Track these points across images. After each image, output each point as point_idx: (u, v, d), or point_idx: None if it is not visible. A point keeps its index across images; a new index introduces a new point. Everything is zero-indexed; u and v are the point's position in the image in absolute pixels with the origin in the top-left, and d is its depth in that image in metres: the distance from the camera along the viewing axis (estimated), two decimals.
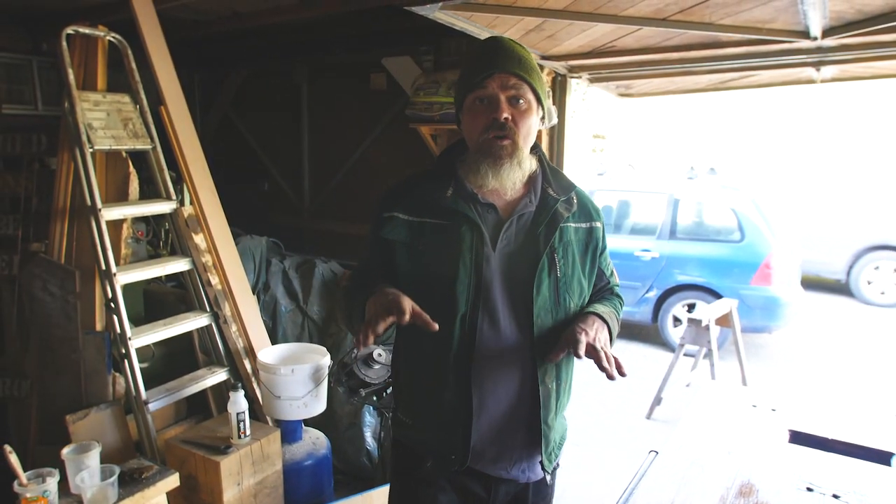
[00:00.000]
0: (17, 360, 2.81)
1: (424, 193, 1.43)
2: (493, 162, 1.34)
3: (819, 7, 1.99)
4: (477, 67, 1.35)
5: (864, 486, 1.52)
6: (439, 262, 1.37)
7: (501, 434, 1.41)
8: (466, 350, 1.36)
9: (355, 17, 3.48)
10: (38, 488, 1.77)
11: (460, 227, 1.37)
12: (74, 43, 2.74)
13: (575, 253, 1.44)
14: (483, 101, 1.35)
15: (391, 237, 1.44)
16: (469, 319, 1.35)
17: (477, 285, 1.35)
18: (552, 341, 1.36)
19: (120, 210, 2.59)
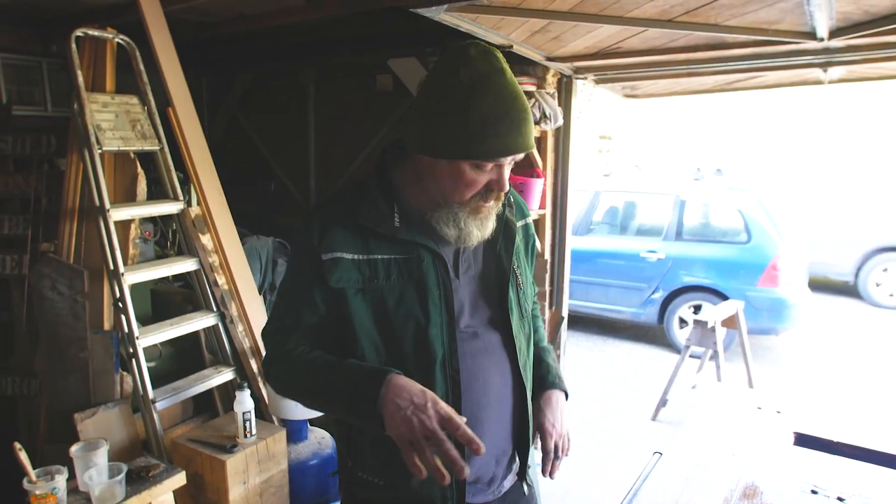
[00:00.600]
0: (26, 360, 2.84)
1: (362, 223, 1.22)
2: (480, 224, 1.22)
3: (825, 8, 1.98)
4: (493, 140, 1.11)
5: (870, 489, 1.52)
6: (406, 306, 1.21)
7: (500, 465, 1.35)
8: (453, 395, 1.22)
9: (361, 19, 3.49)
10: (46, 485, 1.79)
11: (421, 260, 1.22)
12: (84, 45, 2.76)
13: (523, 256, 1.39)
14: (485, 170, 1.16)
15: (341, 285, 1.20)
16: (450, 363, 1.22)
17: (450, 323, 1.22)
18: (526, 354, 1.34)
19: (128, 210, 2.61)
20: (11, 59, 3.82)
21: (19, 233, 2.86)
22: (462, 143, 1.11)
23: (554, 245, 3.55)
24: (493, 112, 1.10)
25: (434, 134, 1.15)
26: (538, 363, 1.48)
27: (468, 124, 1.10)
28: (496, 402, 1.29)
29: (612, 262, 6.28)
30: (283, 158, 4.76)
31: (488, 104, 1.10)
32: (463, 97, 1.10)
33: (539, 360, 1.49)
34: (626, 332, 6.58)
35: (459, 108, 1.11)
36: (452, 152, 1.13)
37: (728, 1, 1.98)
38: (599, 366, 5.57)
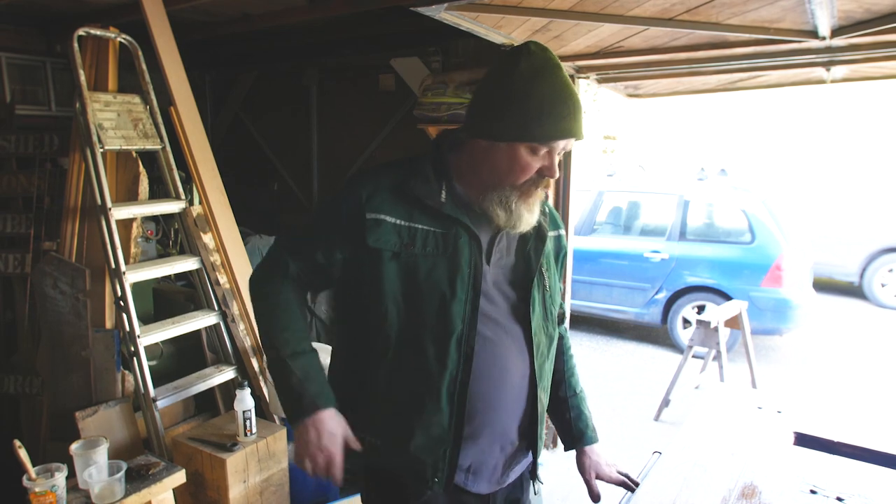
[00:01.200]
0: (29, 358, 2.85)
1: (411, 192, 1.29)
2: (528, 208, 1.28)
3: (827, 6, 1.97)
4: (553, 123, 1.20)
5: (870, 489, 1.51)
6: (436, 277, 1.27)
7: (505, 454, 1.38)
8: (463, 372, 1.28)
9: (364, 19, 3.50)
10: (46, 483, 1.80)
11: (459, 237, 1.28)
12: (86, 44, 2.78)
13: (552, 263, 1.45)
14: (538, 154, 1.24)
15: (379, 246, 1.26)
16: (466, 339, 1.27)
17: (474, 302, 1.28)
18: (546, 356, 1.41)
19: (129, 209, 2.62)
20: (16, 58, 3.84)
21: (22, 231, 2.88)
22: (522, 125, 1.21)
23: None
24: (550, 98, 1.21)
25: (495, 118, 1.24)
26: (577, 415, 1.58)
27: (528, 108, 1.20)
28: (507, 389, 1.34)
29: (615, 262, 6.27)
30: (287, 158, 4.77)
31: (547, 91, 1.21)
32: (524, 84, 1.21)
33: (578, 413, 1.58)
34: (630, 332, 6.56)
35: (521, 94, 1.21)
36: (512, 134, 1.22)
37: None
38: (603, 366, 5.55)
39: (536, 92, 1.21)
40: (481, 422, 1.32)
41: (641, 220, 6.60)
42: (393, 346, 1.30)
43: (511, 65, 1.24)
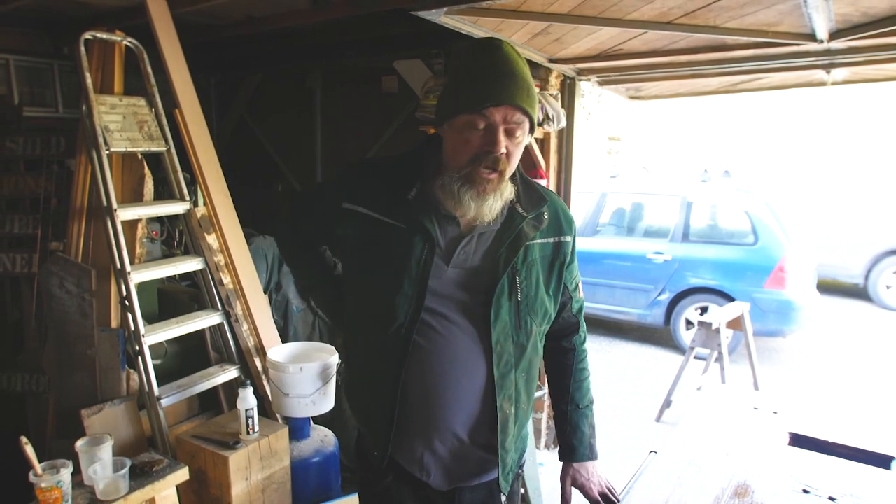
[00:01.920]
0: (36, 357, 2.89)
1: (385, 188, 1.35)
2: (476, 195, 1.25)
3: (823, 10, 1.99)
4: (481, 88, 1.20)
5: (862, 488, 1.53)
6: (385, 269, 1.32)
7: (456, 454, 1.38)
8: (398, 363, 1.32)
9: (366, 21, 3.52)
10: (52, 479, 1.83)
11: (414, 235, 1.31)
12: (92, 47, 2.81)
13: (539, 272, 1.40)
14: (478, 128, 1.22)
15: (347, 233, 1.38)
16: (405, 332, 1.31)
17: (419, 297, 1.30)
18: (513, 365, 1.37)
19: (134, 210, 2.66)
20: (24, 61, 3.89)
21: (29, 232, 2.92)
22: (455, 98, 1.25)
23: None
24: (483, 69, 1.22)
25: (441, 104, 1.30)
26: (573, 430, 1.56)
27: (462, 82, 1.25)
28: (454, 388, 1.34)
29: (618, 263, 6.28)
30: (291, 159, 4.80)
31: (482, 65, 1.23)
32: (462, 64, 1.27)
33: (575, 428, 1.56)
34: (633, 333, 6.57)
35: (457, 73, 1.28)
36: (449, 111, 1.26)
37: (726, 3, 1.99)
38: (605, 367, 5.57)
39: (472, 67, 1.24)
40: (420, 414, 1.35)
41: (644, 222, 6.62)
42: (352, 330, 1.45)
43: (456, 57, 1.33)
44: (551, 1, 2.07)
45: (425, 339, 1.32)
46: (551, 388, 1.62)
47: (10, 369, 2.96)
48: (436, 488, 1.40)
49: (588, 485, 1.56)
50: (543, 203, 1.40)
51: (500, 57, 1.23)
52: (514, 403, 1.39)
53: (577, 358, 1.58)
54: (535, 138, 3.31)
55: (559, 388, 1.58)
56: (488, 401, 1.36)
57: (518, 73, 1.23)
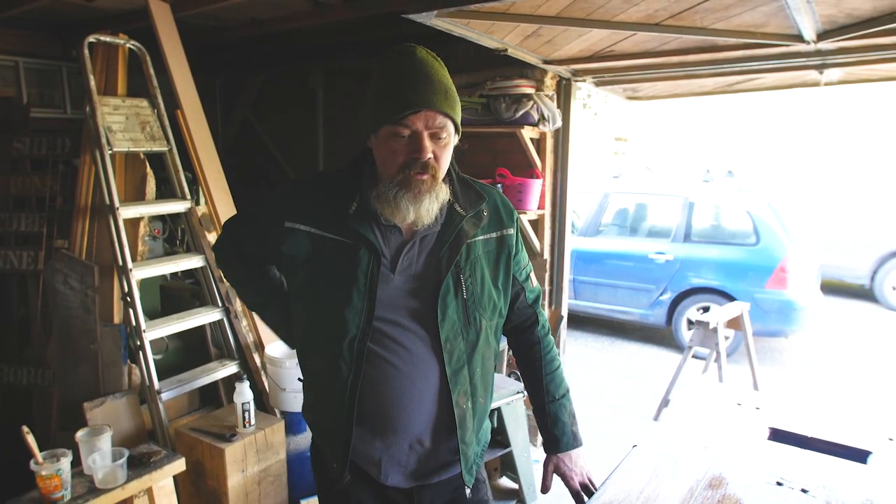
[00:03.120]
0: (41, 351, 2.97)
1: (326, 204, 1.35)
2: (412, 198, 1.25)
3: (807, 11, 2.02)
4: (398, 98, 1.21)
5: (835, 481, 1.55)
6: (333, 285, 1.33)
7: (417, 455, 1.40)
8: (354, 374, 1.33)
9: (367, 23, 3.58)
10: (52, 467, 1.89)
11: (359, 249, 1.31)
12: (97, 50, 2.89)
13: (484, 268, 1.41)
14: (403, 137, 1.23)
15: (292, 252, 1.36)
16: (358, 344, 1.32)
17: (370, 308, 1.31)
18: (465, 361, 1.38)
19: (136, 209, 2.73)
20: (33, 63, 3.98)
21: (35, 230, 3.00)
22: (375, 110, 1.25)
23: (553, 245, 3.60)
24: (398, 76, 1.22)
25: (363, 115, 1.30)
26: (553, 422, 1.58)
27: (379, 91, 1.25)
28: (408, 392, 1.35)
29: (620, 263, 6.30)
30: (294, 159, 4.87)
31: (395, 71, 1.24)
32: (379, 74, 1.26)
33: (555, 419, 1.58)
34: (635, 333, 6.59)
35: (375, 83, 1.27)
36: (371, 123, 1.27)
37: (710, 5, 2.02)
38: (606, 367, 5.59)
39: (388, 77, 1.24)
40: (378, 420, 1.37)
41: (647, 222, 6.63)
42: (303, 345, 1.45)
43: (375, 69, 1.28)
44: (539, 3, 2.11)
45: (378, 348, 1.34)
46: (525, 382, 1.64)
47: (16, 363, 3.04)
48: (395, 486, 1.42)
49: (570, 474, 1.59)
50: (482, 201, 1.41)
51: (415, 63, 1.22)
52: (469, 397, 1.40)
53: (544, 350, 1.60)
54: (531, 138, 3.35)
55: (533, 381, 1.60)
56: (444, 398, 1.37)
57: (434, 77, 1.22)
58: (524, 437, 3.15)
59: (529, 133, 3.28)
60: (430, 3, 2.12)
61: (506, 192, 3.19)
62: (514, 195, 3.25)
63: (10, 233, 3.05)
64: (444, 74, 1.26)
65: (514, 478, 3.19)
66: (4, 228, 3.05)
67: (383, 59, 1.27)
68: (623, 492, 1.52)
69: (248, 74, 4.90)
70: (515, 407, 3.07)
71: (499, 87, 3.20)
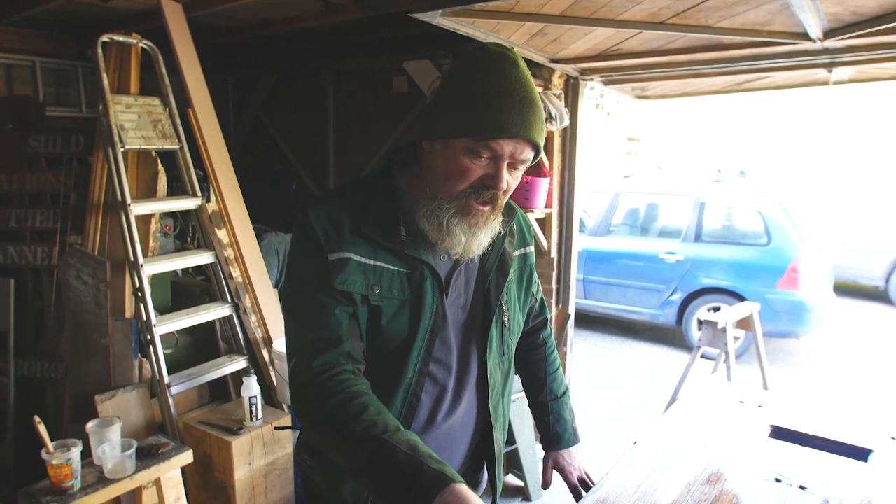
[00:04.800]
0: (54, 344, 3.03)
1: (371, 227, 1.14)
2: (468, 228, 1.11)
3: (811, 9, 2.01)
4: (495, 114, 1.03)
5: (834, 478, 1.56)
6: (399, 322, 1.14)
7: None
8: (405, 421, 1.19)
9: (377, 23, 3.61)
10: (62, 456, 1.93)
11: (424, 279, 1.15)
12: (110, 50, 2.94)
13: (514, 289, 1.31)
14: (481, 157, 1.06)
15: (347, 288, 1.11)
16: (414, 389, 1.18)
17: (428, 349, 1.17)
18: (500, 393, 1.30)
19: (148, 206, 2.77)
20: (49, 62, 4.06)
21: (49, 226, 3.05)
22: (458, 116, 1.05)
23: (560, 243, 3.61)
24: (493, 90, 1.04)
25: (437, 114, 1.09)
26: (556, 420, 1.57)
27: (467, 97, 1.05)
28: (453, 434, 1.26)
29: (630, 263, 6.29)
30: (305, 157, 4.92)
31: (490, 83, 1.04)
32: (468, 77, 1.07)
33: (557, 417, 1.57)
34: (645, 333, 6.57)
35: (462, 87, 1.07)
36: (448, 128, 1.07)
37: (714, 3, 2.02)
38: (616, 367, 5.58)
39: (479, 83, 1.05)
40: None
41: (657, 222, 6.61)
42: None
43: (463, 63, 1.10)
44: (543, 2, 2.12)
45: (427, 393, 1.20)
46: (525, 382, 1.62)
47: (30, 356, 3.10)
48: None
49: (569, 468, 1.59)
50: (514, 214, 1.28)
51: (517, 77, 1.06)
52: (503, 432, 1.35)
53: (548, 351, 1.58)
54: None
55: (535, 381, 1.59)
56: (481, 436, 1.29)
57: (535, 100, 1.06)
58: (529, 434, 3.16)
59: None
60: (435, 3, 2.14)
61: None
62: (522, 193, 3.26)
63: (26, 228, 3.11)
64: (536, 91, 1.09)
65: (520, 475, 3.20)
66: (20, 224, 3.11)
67: (476, 57, 1.08)
68: (620, 486, 1.53)
69: (260, 73, 4.95)
70: (521, 405, 3.08)
71: None
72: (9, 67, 3.91)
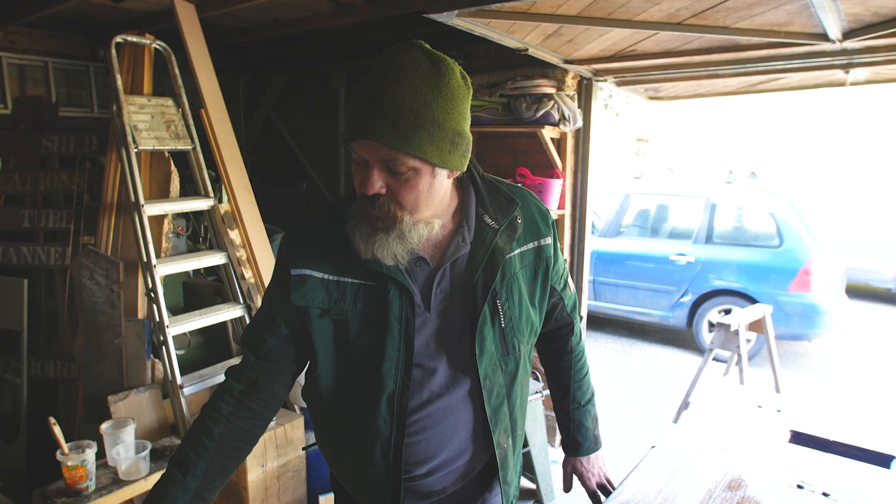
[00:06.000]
0: (67, 345, 3.03)
1: (338, 245, 1.15)
2: (367, 233, 1.09)
3: (832, 10, 1.99)
4: (348, 117, 1.05)
5: (856, 485, 1.54)
6: (367, 335, 1.15)
7: (455, 490, 1.30)
8: (398, 432, 1.18)
9: (388, 23, 3.61)
10: (77, 457, 1.94)
11: (388, 291, 1.13)
12: (123, 50, 2.94)
13: (521, 286, 1.24)
14: (357, 163, 1.08)
15: (305, 304, 1.16)
16: (398, 399, 1.16)
17: (407, 359, 1.15)
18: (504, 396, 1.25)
19: (161, 206, 2.77)
20: (62, 63, 4.08)
21: (63, 226, 3.06)
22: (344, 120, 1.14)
23: (573, 245, 3.59)
24: (361, 89, 1.05)
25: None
26: (577, 427, 1.55)
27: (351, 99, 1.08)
28: (451, 442, 1.24)
29: (641, 264, 6.26)
30: (316, 158, 4.91)
31: (365, 83, 1.05)
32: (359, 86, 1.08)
33: (578, 425, 1.55)
34: (655, 335, 6.54)
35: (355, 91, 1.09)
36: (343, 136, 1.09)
37: (732, 4, 2.01)
38: (626, 369, 5.56)
39: (360, 88, 1.06)
40: (423, 474, 1.24)
41: (668, 223, 6.58)
42: (331, 405, 1.25)
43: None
44: (560, 3, 2.11)
45: (416, 402, 1.19)
46: (551, 387, 1.59)
47: (43, 357, 3.10)
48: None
49: (588, 475, 1.59)
50: (513, 206, 1.22)
51: (382, 76, 1.02)
52: (510, 434, 1.28)
53: (575, 359, 1.53)
54: (552, 138, 3.35)
55: (559, 388, 1.56)
56: (482, 441, 1.26)
57: (389, 98, 1.00)
58: (542, 436, 3.15)
59: (550, 133, 3.28)
60: (451, 3, 2.13)
61: None
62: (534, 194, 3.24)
63: (39, 229, 3.12)
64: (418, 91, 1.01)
65: (532, 478, 3.19)
66: (33, 224, 3.12)
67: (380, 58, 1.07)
68: (641, 492, 1.52)
69: (271, 74, 4.96)
70: (534, 406, 3.07)
71: (519, 87, 3.20)
72: (21, 68, 3.93)
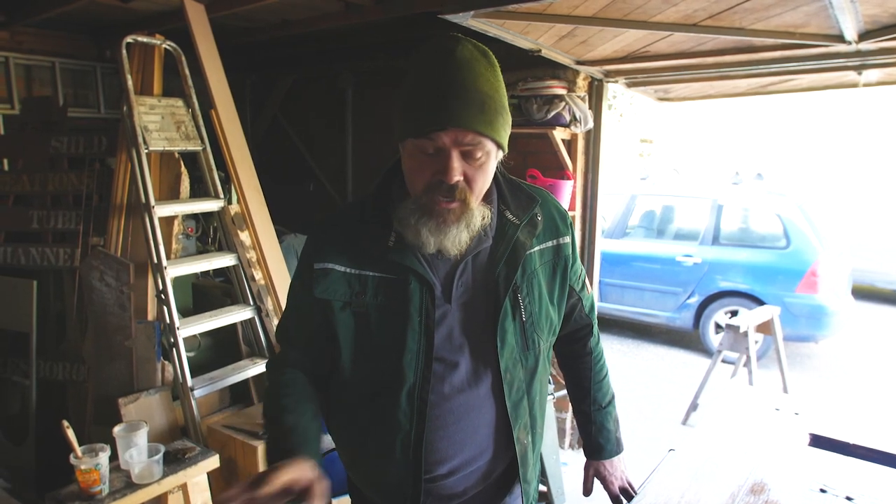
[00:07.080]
0: (76, 346, 3.02)
1: (360, 239, 1.19)
2: (435, 227, 1.10)
3: (850, 11, 1.98)
4: (425, 109, 1.04)
5: (880, 489, 1.53)
6: (387, 328, 1.17)
7: (475, 488, 1.29)
8: (417, 426, 1.18)
9: (397, 23, 3.59)
10: (91, 461, 1.92)
11: (408, 283, 1.15)
12: (133, 51, 2.93)
13: (542, 282, 1.26)
14: (429, 153, 1.07)
15: (327, 297, 1.19)
16: (419, 392, 1.17)
17: (427, 352, 1.16)
18: (524, 391, 1.26)
19: (171, 207, 2.76)
20: (69, 64, 4.07)
21: (72, 227, 3.04)
22: (401, 119, 1.09)
23: (584, 247, 3.58)
24: (430, 80, 1.06)
25: (395, 118, 1.12)
26: (599, 430, 1.53)
27: (409, 94, 1.08)
28: (472, 437, 1.23)
29: (647, 265, 6.25)
30: (323, 159, 4.90)
31: (429, 73, 1.06)
32: (413, 73, 1.09)
33: (600, 428, 1.53)
34: (661, 336, 6.52)
35: (406, 86, 1.10)
36: (399, 131, 1.11)
37: (750, 5, 1.99)
38: (633, 370, 5.54)
39: (420, 79, 1.07)
40: (444, 474, 1.24)
41: (674, 224, 6.57)
42: (352, 399, 1.26)
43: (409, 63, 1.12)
44: (577, 4, 2.09)
45: (437, 395, 1.19)
46: (570, 390, 1.59)
47: (52, 358, 3.09)
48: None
49: (610, 478, 1.56)
50: (534, 204, 1.25)
51: (450, 66, 1.04)
52: (530, 431, 1.29)
53: (595, 360, 1.53)
54: (563, 139, 3.34)
55: (579, 390, 1.55)
56: (503, 436, 1.25)
57: (471, 86, 1.04)
58: (553, 437, 3.14)
59: (561, 134, 3.27)
60: (466, 4, 2.12)
61: None
62: None
63: (48, 230, 3.11)
64: (487, 79, 1.07)
65: (543, 480, 3.17)
66: (42, 225, 3.10)
67: (419, 54, 1.09)
68: (663, 496, 1.51)
69: (278, 74, 4.94)
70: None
71: (530, 88, 3.19)
72: (28, 68, 3.92)
